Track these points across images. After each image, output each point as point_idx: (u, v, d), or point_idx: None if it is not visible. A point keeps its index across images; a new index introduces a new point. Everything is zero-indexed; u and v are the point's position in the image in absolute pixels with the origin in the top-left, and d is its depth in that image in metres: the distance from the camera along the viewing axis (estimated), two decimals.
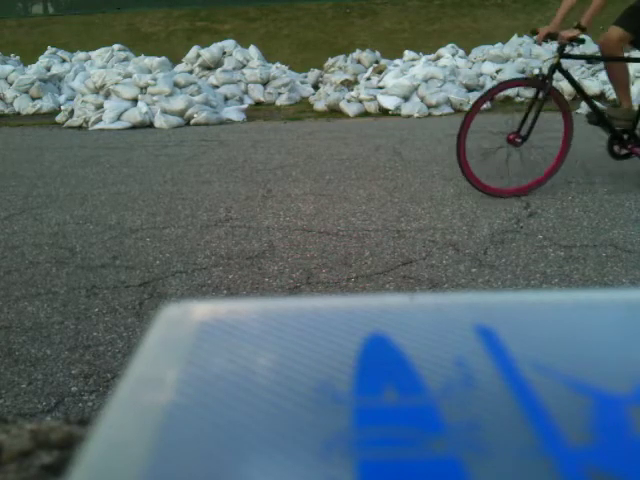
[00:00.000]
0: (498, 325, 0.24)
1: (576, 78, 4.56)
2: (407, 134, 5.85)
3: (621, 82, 3.77)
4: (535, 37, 3.65)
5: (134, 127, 6.62)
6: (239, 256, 2.91)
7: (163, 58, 7.82)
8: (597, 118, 3.78)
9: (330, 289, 2.54)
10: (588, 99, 3.79)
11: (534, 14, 11.57)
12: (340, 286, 2.57)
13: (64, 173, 4.66)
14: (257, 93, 8.25)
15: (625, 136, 3.73)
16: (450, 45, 8.42)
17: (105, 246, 3.08)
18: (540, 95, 3.54)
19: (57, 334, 2.22)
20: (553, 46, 3.85)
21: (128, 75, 7.11)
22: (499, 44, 8.37)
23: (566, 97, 7.36)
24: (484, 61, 8.04)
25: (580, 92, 3.86)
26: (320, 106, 7.65)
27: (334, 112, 7.33)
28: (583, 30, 3.45)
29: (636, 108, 3.73)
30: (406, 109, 6.97)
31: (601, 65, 7.95)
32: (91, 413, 1.77)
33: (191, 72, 8.32)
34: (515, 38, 8.45)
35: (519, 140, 3.60)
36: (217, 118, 6.92)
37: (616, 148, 3.77)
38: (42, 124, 7.13)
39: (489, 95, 3.69)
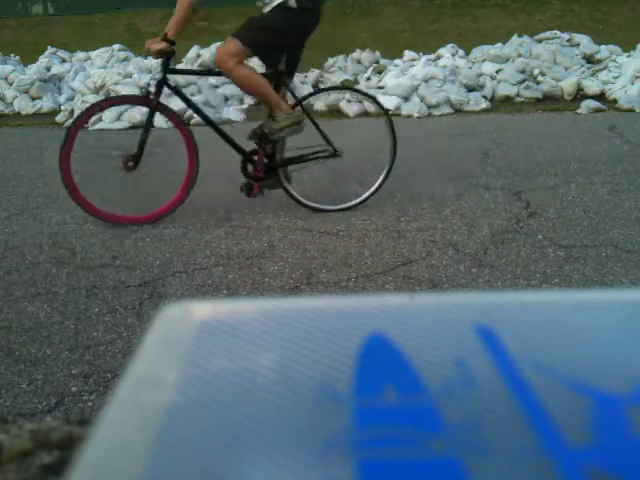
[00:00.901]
0: (498, 325, 0.24)
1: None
2: (407, 134, 5.84)
3: (258, 91, 3.32)
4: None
5: (134, 127, 6.62)
6: (239, 256, 2.91)
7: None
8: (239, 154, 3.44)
9: (330, 289, 2.54)
10: (220, 131, 3.51)
11: (534, 14, 11.55)
12: (340, 286, 2.57)
13: None
14: None
15: (255, 157, 3.46)
16: (450, 45, 8.42)
17: (105, 246, 3.08)
18: (149, 113, 3.33)
19: (57, 334, 2.22)
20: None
21: (128, 75, 7.11)
22: (499, 44, 8.36)
23: (566, 97, 7.41)
24: (484, 61, 8.03)
25: (197, 112, 3.54)
26: (320, 106, 7.65)
27: (334, 112, 7.33)
28: (171, 42, 3.17)
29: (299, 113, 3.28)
30: (406, 109, 6.97)
31: (601, 65, 7.95)
32: (91, 413, 1.77)
33: None
34: (515, 38, 8.44)
35: (132, 164, 3.23)
36: (217, 118, 6.91)
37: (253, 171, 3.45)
38: (42, 124, 7.13)
39: (91, 112, 3.35)
